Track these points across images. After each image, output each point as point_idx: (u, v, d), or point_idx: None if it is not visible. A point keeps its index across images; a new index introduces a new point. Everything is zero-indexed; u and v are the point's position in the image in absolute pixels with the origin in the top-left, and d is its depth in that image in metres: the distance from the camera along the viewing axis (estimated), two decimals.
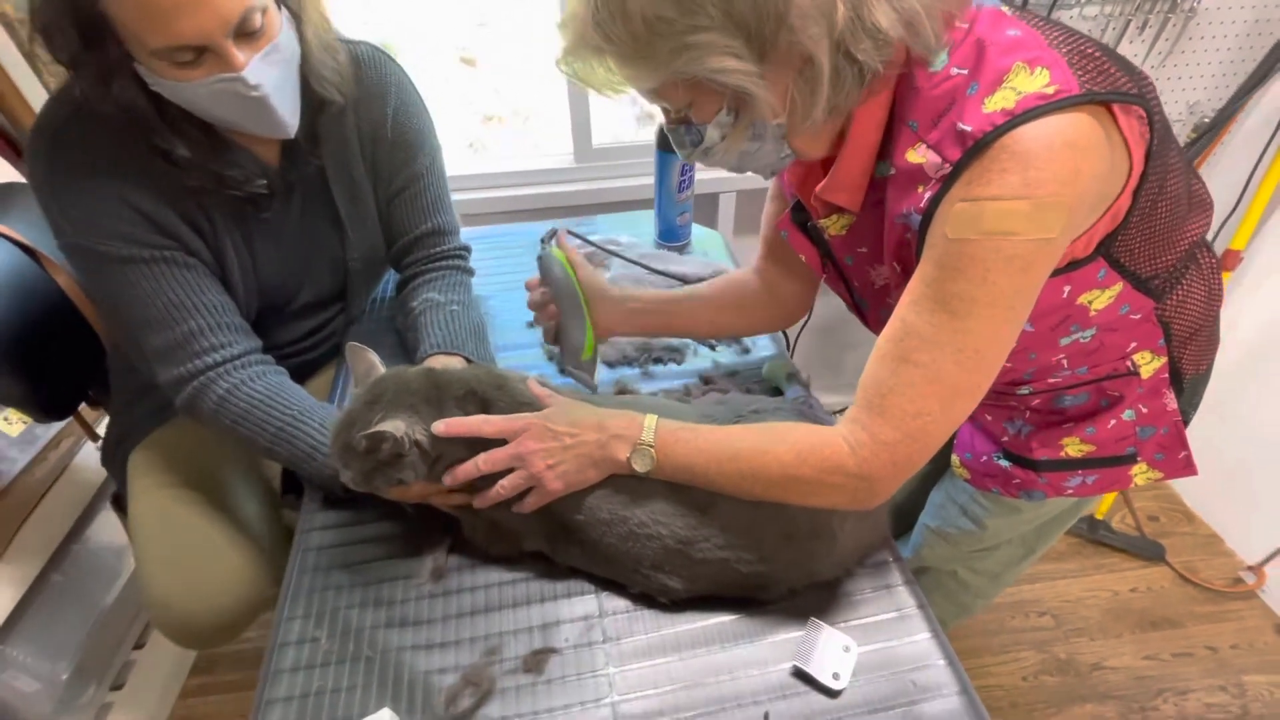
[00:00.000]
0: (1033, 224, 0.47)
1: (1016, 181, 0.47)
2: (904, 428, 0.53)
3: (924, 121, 0.52)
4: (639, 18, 0.50)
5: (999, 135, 0.47)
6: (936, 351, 0.52)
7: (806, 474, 0.57)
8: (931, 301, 0.52)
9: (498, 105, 1.59)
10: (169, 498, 0.86)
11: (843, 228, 0.67)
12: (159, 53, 0.61)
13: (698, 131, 0.58)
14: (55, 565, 1.19)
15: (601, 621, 0.64)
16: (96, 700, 1.29)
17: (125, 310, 0.73)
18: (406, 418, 0.62)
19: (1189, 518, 1.71)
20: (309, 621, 0.65)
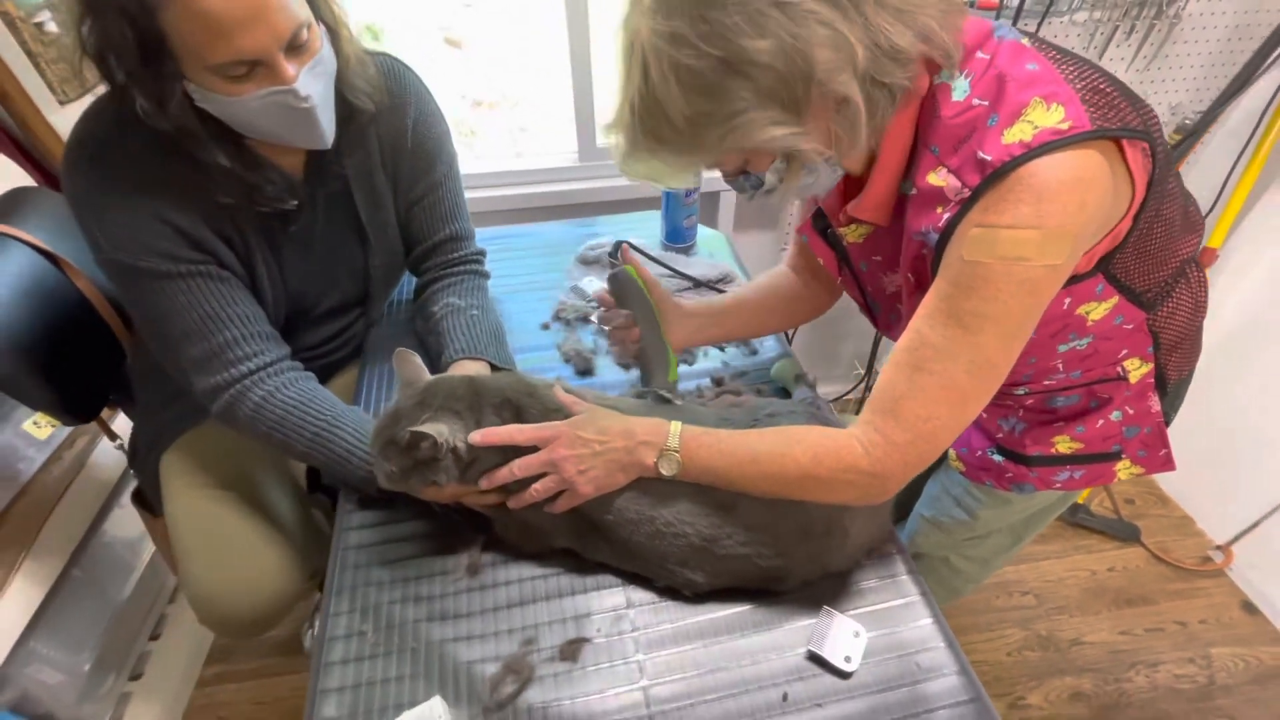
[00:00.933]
0: (1042, 251, 0.51)
1: (1029, 212, 0.51)
2: (915, 430, 0.58)
3: (945, 147, 0.56)
4: (681, 119, 0.54)
5: (1016, 166, 0.51)
6: (949, 362, 0.56)
7: (823, 474, 0.61)
8: (946, 316, 0.56)
9: (488, 91, 1.58)
10: (205, 498, 0.89)
11: (860, 236, 0.72)
12: (215, 68, 0.63)
13: (757, 179, 0.62)
14: (75, 561, 1.22)
15: (629, 613, 0.69)
16: (116, 690, 1.32)
17: (162, 323, 0.76)
18: (450, 423, 0.65)
19: (1163, 501, 1.80)
20: (354, 616, 0.69)
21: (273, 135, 0.73)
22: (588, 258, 1.15)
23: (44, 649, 1.16)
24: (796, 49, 0.51)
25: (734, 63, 0.51)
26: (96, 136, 0.71)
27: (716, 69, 0.52)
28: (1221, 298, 1.59)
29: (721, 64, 0.52)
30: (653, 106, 0.55)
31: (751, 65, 0.51)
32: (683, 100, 0.53)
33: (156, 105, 0.65)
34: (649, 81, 0.54)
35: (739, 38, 0.50)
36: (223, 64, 0.63)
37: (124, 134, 0.71)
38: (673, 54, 0.52)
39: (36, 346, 0.89)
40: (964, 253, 0.54)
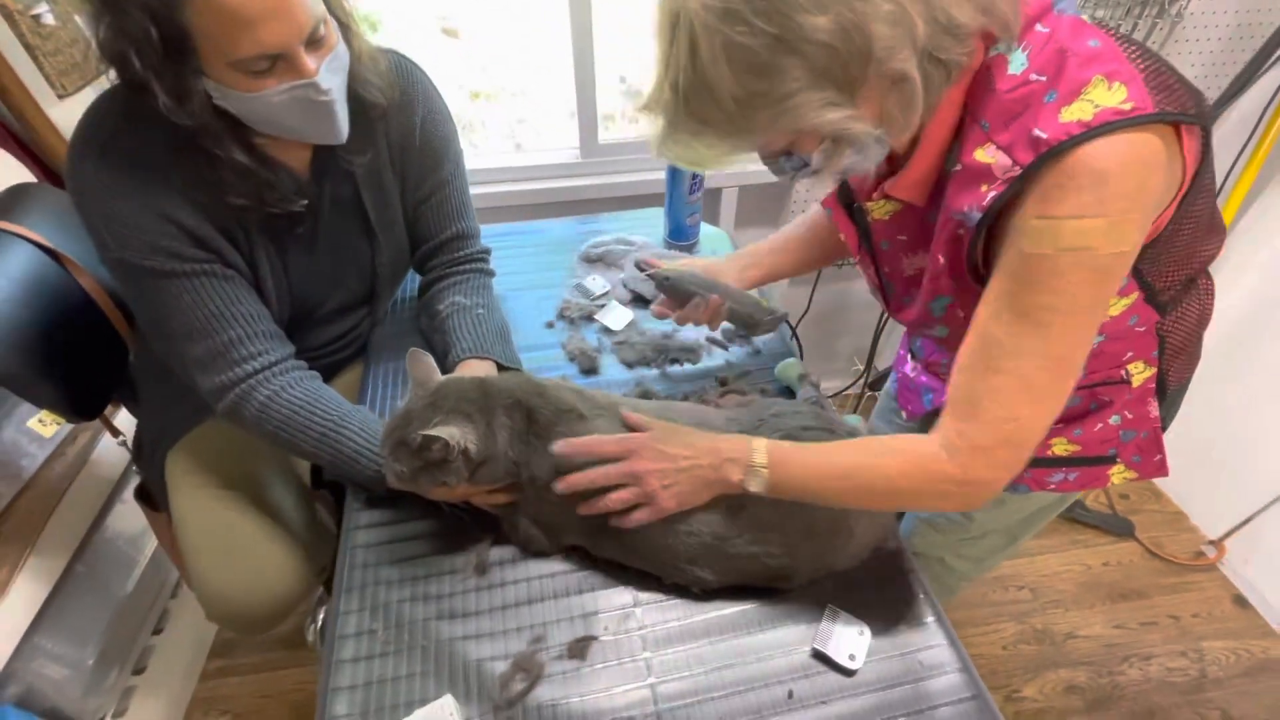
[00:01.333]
0: (1108, 239, 0.50)
1: (1091, 200, 0.49)
2: (998, 433, 0.56)
3: (996, 123, 0.53)
4: (730, 100, 0.51)
5: (1074, 145, 0.48)
6: (1021, 360, 0.54)
7: (915, 486, 0.60)
8: (1011, 313, 0.54)
9: (485, 82, 1.57)
10: (211, 496, 0.90)
11: (887, 214, 0.69)
12: (238, 63, 0.63)
13: (800, 160, 0.59)
14: (78, 557, 1.22)
15: (637, 610, 0.70)
16: (120, 684, 1.33)
17: (167, 322, 0.76)
18: (461, 425, 0.66)
19: (1156, 496, 1.82)
20: (364, 615, 0.69)
21: (291, 131, 0.73)
22: (590, 255, 1.16)
23: (48, 644, 1.17)
24: (856, 25, 0.48)
25: (790, 40, 0.49)
26: (103, 132, 0.71)
27: (771, 47, 0.49)
28: (1218, 295, 1.59)
29: (776, 42, 0.49)
30: (700, 87, 0.52)
31: (808, 43, 0.49)
32: (733, 81, 0.50)
33: (177, 102, 0.65)
34: (697, 61, 0.51)
35: (796, 14, 0.48)
36: (245, 59, 0.63)
37: (131, 130, 0.70)
38: (725, 31, 0.49)
39: (40, 345, 0.88)
40: (1025, 246, 0.52)
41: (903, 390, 0.97)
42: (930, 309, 0.67)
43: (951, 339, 0.65)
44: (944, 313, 0.66)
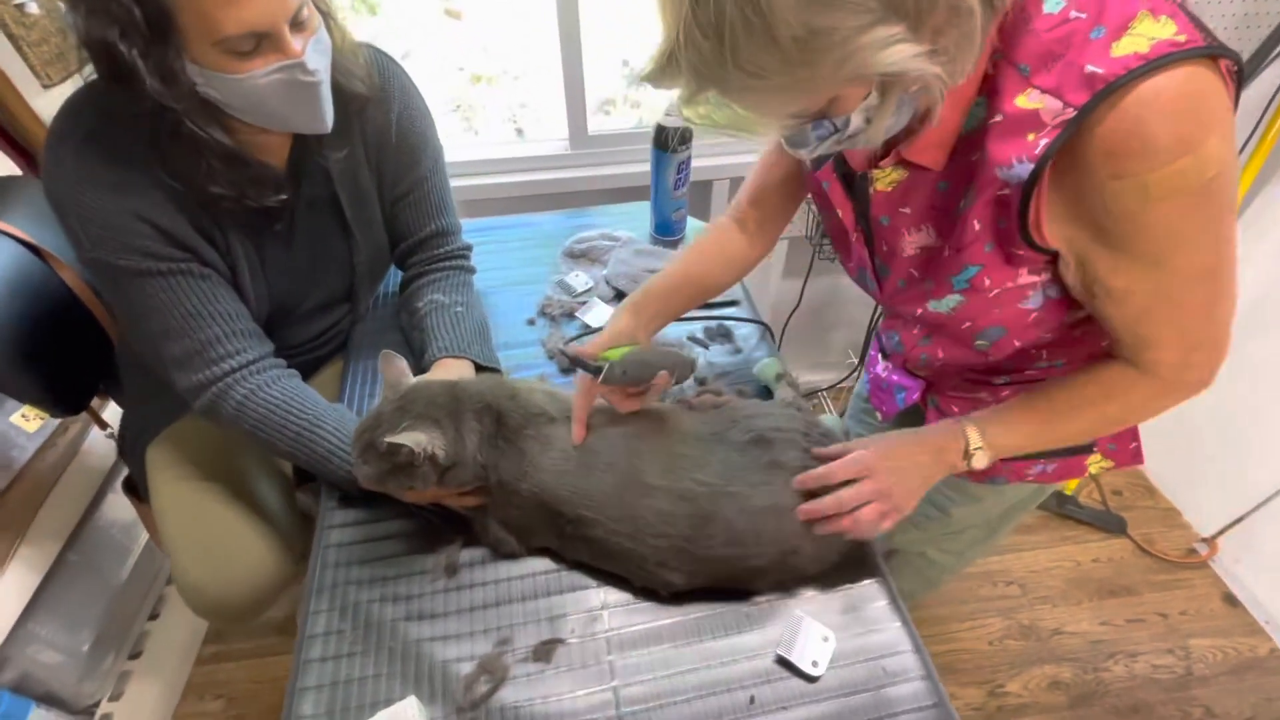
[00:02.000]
0: (1201, 170, 0.46)
1: (1169, 142, 0.45)
2: (1181, 346, 0.58)
3: (1036, 65, 0.49)
4: (789, 41, 0.43)
5: (1134, 80, 0.45)
6: (1165, 291, 0.54)
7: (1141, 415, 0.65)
8: (1129, 261, 0.52)
9: (487, 64, 1.55)
10: (191, 489, 0.91)
11: (892, 184, 0.63)
12: (223, 43, 0.63)
13: (830, 125, 0.51)
14: (71, 546, 1.24)
15: (604, 614, 0.70)
16: (116, 669, 1.36)
17: (144, 321, 0.76)
18: (428, 431, 0.66)
19: (1150, 492, 1.81)
20: (333, 615, 0.70)
21: (276, 117, 0.72)
22: (574, 251, 1.15)
23: (43, 630, 1.19)
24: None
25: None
26: (79, 129, 0.70)
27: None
28: None
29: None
30: (753, 29, 0.43)
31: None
32: (795, 14, 0.42)
33: (164, 84, 0.64)
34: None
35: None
36: (230, 37, 0.63)
37: (107, 126, 0.70)
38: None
39: (22, 341, 0.89)
40: (1111, 206, 0.49)
41: (875, 391, 0.96)
42: (951, 282, 0.63)
43: (963, 312, 0.64)
44: (967, 284, 0.62)
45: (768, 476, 0.68)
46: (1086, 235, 0.53)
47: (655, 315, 0.80)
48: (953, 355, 0.76)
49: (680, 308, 0.82)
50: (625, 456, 0.70)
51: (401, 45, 1.48)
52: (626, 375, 0.70)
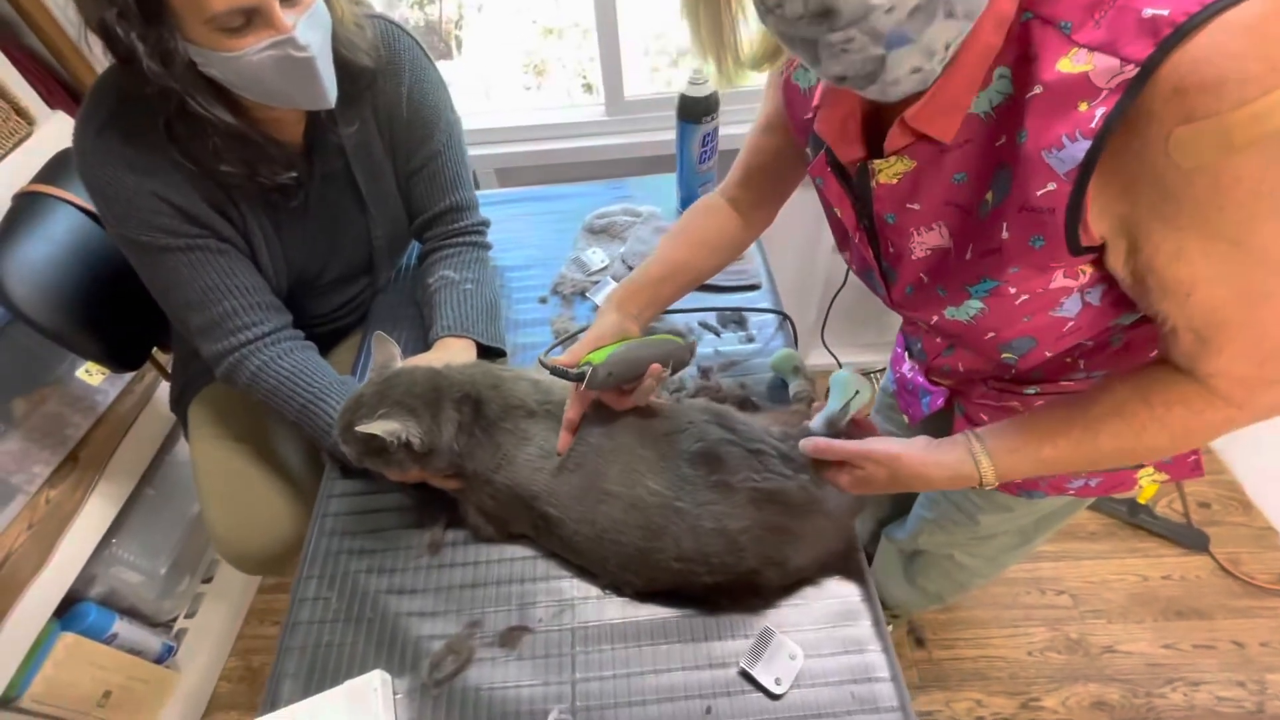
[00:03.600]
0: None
1: (1261, 69, 0.35)
2: (1256, 353, 0.46)
3: (1079, 19, 0.40)
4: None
5: (1212, 15, 0.35)
6: (1243, 280, 0.43)
7: (1194, 443, 0.54)
8: (1200, 243, 0.42)
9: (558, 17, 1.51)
10: (223, 447, 0.98)
11: (896, 175, 0.55)
12: (213, 20, 0.64)
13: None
14: (148, 481, 1.39)
15: (574, 605, 0.71)
16: (191, 590, 1.53)
17: (167, 293, 0.81)
18: (403, 419, 0.67)
19: (1245, 507, 1.61)
20: (323, 582, 0.74)
21: (276, 94, 0.73)
22: (595, 227, 1.12)
23: (125, 554, 1.35)
24: None
25: None
26: (101, 111, 0.74)
27: None
28: None
29: None
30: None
31: None
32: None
33: (162, 64, 0.66)
34: None
35: None
36: (219, 14, 0.63)
37: (126, 108, 0.73)
38: None
39: (82, 303, 0.98)
40: (1182, 161, 0.39)
41: (901, 391, 0.89)
42: (969, 290, 0.55)
43: (985, 321, 0.56)
44: (988, 292, 0.54)
45: (716, 497, 0.65)
46: (1144, 210, 0.42)
47: (647, 304, 0.76)
48: (975, 366, 0.69)
49: (672, 296, 0.78)
50: (592, 457, 0.69)
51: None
52: (612, 376, 0.67)
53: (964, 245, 0.53)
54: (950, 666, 1.42)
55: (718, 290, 1.00)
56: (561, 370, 0.67)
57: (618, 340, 0.71)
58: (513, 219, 1.17)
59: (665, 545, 0.65)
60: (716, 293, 1.00)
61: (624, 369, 0.68)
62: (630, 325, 0.74)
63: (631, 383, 0.70)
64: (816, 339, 1.79)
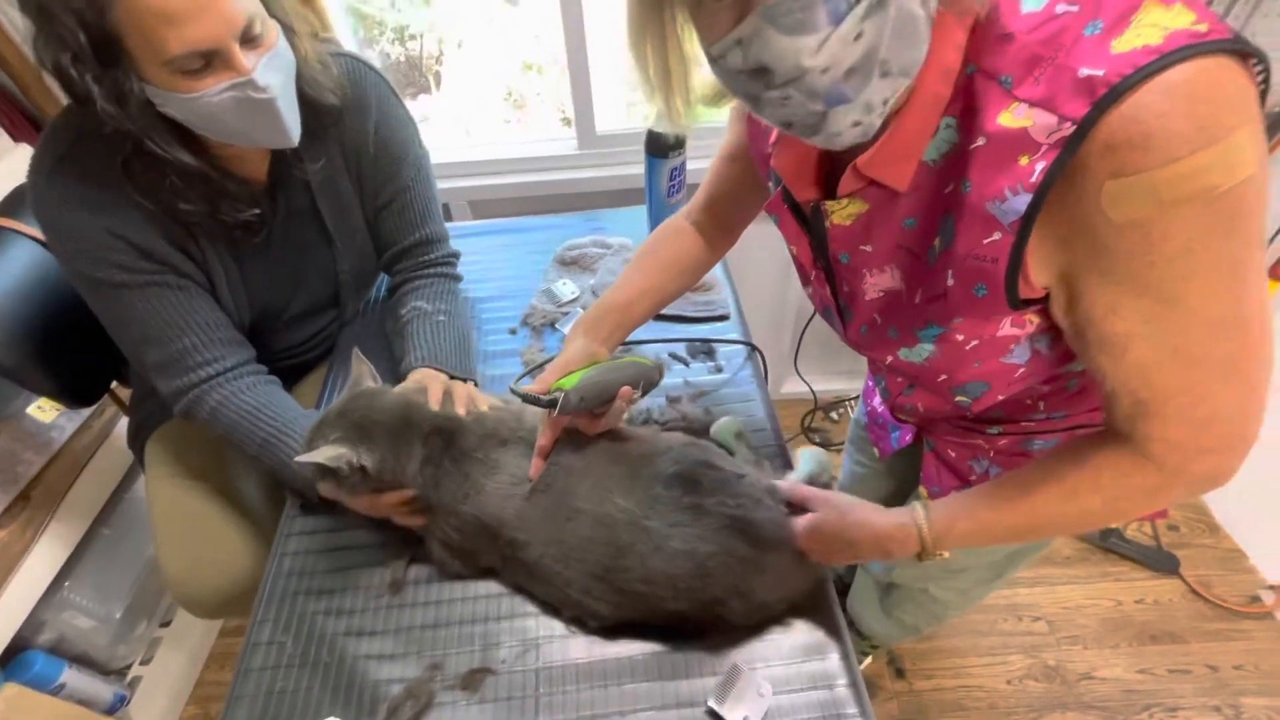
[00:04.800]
0: (1227, 168, 0.37)
1: (1188, 127, 0.36)
2: (1193, 418, 0.45)
3: (1020, 74, 0.41)
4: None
5: (1144, 78, 0.36)
6: (1176, 341, 0.43)
7: (1128, 510, 0.52)
8: (1132, 299, 0.42)
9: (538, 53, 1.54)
10: (180, 485, 0.95)
11: (850, 217, 0.55)
12: (171, 62, 0.64)
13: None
14: (104, 520, 1.34)
15: (539, 645, 0.69)
16: (147, 635, 1.46)
17: (124, 329, 0.79)
18: (353, 445, 0.66)
19: (1212, 530, 1.64)
20: (279, 625, 0.72)
21: (237, 134, 0.72)
22: (566, 258, 1.13)
23: (77, 597, 1.29)
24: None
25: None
26: (58, 148, 0.73)
27: None
28: None
29: None
30: None
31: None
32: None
33: (118, 106, 0.66)
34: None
35: None
36: (177, 57, 0.63)
37: (84, 146, 0.72)
38: None
39: (37, 338, 0.95)
40: (1114, 216, 0.39)
41: (871, 425, 0.90)
42: (918, 335, 0.56)
43: (936, 364, 0.56)
44: (935, 338, 0.55)
45: (688, 519, 0.64)
46: (1081, 263, 0.43)
47: (615, 328, 0.76)
48: (934, 406, 0.70)
49: (640, 319, 0.79)
50: (562, 477, 0.68)
51: (458, 34, 1.49)
52: (584, 401, 0.67)
53: (914, 289, 0.54)
54: (930, 698, 1.40)
55: (687, 321, 1.01)
56: (533, 398, 0.67)
57: (586, 365, 0.71)
58: (484, 251, 1.18)
59: (631, 564, 0.64)
60: (685, 323, 1.01)
61: (595, 392, 0.68)
62: (598, 349, 0.74)
63: (602, 406, 0.70)
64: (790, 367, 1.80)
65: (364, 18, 1.40)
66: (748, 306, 1.07)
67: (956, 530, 0.57)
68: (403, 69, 1.54)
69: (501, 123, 1.60)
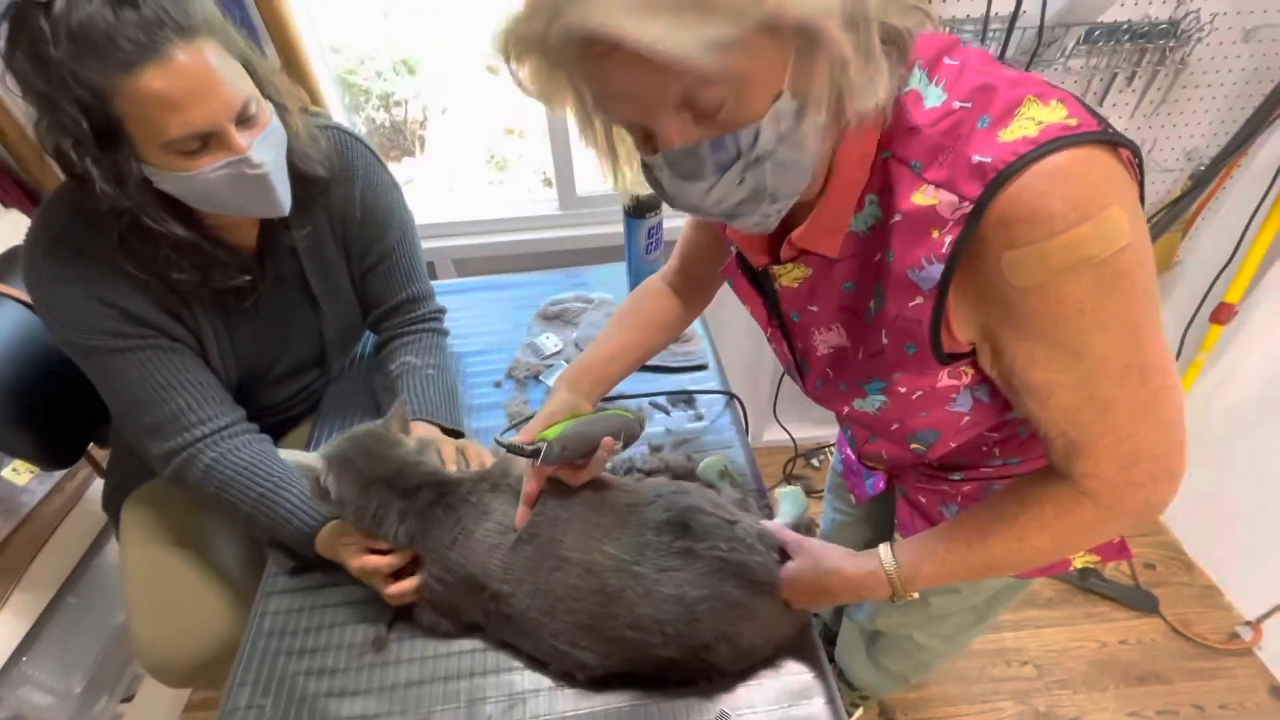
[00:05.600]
0: (1103, 239, 0.42)
1: (1063, 208, 0.42)
2: (1119, 455, 0.49)
3: (926, 160, 0.47)
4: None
5: (1025, 165, 0.43)
6: (1090, 387, 0.47)
7: (1075, 544, 0.56)
8: (1045, 351, 0.47)
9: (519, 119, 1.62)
10: (155, 548, 0.93)
11: (796, 280, 0.61)
12: (170, 144, 0.66)
13: (734, 144, 0.45)
14: (70, 588, 1.29)
15: (525, 700, 0.68)
16: (109, 712, 1.38)
17: (115, 394, 0.80)
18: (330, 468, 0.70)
19: (1188, 567, 1.67)
20: (258, 688, 0.70)
21: (231, 206, 0.75)
22: (549, 313, 1.16)
23: (35, 672, 1.23)
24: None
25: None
26: (53, 226, 0.75)
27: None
28: (1244, 352, 1.47)
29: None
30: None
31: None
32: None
33: (116, 187, 0.68)
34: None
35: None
36: (177, 139, 0.66)
37: (80, 223, 0.75)
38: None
39: (15, 399, 0.95)
40: (1014, 281, 0.45)
41: (847, 472, 0.93)
42: (864, 389, 0.61)
43: (888, 414, 0.60)
44: (880, 391, 0.60)
45: (678, 564, 0.65)
46: (995, 320, 0.48)
47: (597, 382, 0.80)
48: (895, 454, 0.73)
49: (621, 373, 0.82)
50: (548, 526, 0.69)
51: (441, 100, 1.57)
52: (566, 451, 0.69)
53: (857, 346, 0.60)
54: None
55: (667, 371, 1.04)
56: (518, 448, 0.68)
57: (569, 416, 0.73)
58: (469, 306, 1.21)
59: (619, 611, 0.64)
60: (665, 373, 1.04)
61: (577, 443, 0.70)
62: (581, 402, 0.76)
63: (584, 458, 0.72)
64: (770, 416, 1.84)
65: (351, 86, 1.47)
66: (726, 359, 1.11)
67: (922, 573, 0.60)
68: (388, 133, 1.61)
69: (485, 184, 1.68)
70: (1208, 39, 1.21)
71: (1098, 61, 1.23)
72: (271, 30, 1.12)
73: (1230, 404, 1.51)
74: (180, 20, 0.64)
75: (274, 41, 1.13)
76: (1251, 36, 1.22)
